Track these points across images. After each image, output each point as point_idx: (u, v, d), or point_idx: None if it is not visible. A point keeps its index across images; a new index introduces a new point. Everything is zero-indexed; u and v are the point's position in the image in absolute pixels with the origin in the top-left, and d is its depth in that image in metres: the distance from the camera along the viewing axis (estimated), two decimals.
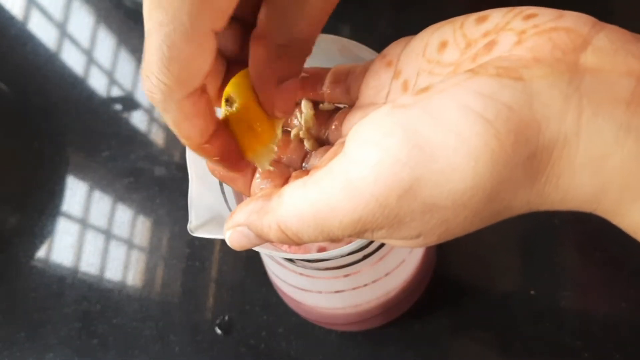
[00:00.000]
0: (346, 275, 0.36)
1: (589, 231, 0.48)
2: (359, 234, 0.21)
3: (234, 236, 0.24)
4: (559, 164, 0.19)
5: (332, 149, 0.25)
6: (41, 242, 0.52)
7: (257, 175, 0.26)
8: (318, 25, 0.25)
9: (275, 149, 0.26)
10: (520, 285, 0.47)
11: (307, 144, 0.27)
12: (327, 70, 0.27)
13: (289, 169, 0.27)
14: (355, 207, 0.20)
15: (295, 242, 0.22)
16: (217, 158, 0.25)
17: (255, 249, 0.27)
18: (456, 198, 0.19)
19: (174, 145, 0.54)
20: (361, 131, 0.20)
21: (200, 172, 0.29)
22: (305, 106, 0.27)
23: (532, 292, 0.47)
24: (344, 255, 0.30)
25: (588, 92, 0.19)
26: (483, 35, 0.21)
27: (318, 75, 0.27)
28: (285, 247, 0.40)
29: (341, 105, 0.28)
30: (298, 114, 0.28)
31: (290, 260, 0.33)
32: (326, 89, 0.27)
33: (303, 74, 0.27)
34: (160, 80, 0.21)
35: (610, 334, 0.45)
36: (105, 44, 0.58)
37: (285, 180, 0.26)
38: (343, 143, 0.23)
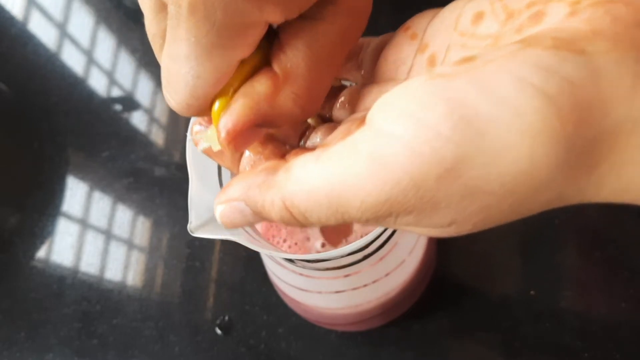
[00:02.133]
0: (346, 276, 0.36)
1: (589, 231, 0.48)
2: (380, 219, 0.18)
3: (226, 212, 0.22)
4: (625, 151, 0.17)
5: (344, 126, 0.22)
6: (41, 242, 0.52)
7: (246, 151, 0.24)
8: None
9: None
10: (520, 285, 0.47)
11: (310, 120, 0.25)
12: None
13: (285, 146, 0.25)
14: (382, 185, 0.17)
15: (300, 222, 0.20)
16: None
17: (255, 249, 0.27)
18: (505, 182, 0.17)
19: (174, 145, 0.54)
20: (391, 102, 0.18)
21: (200, 172, 0.29)
22: None
23: (532, 292, 0.47)
24: (344, 256, 0.30)
25: None
26: (527, 6, 0.19)
27: None
28: (285, 246, 0.40)
29: (347, 83, 0.26)
30: None
31: (290, 260, 0.33)
32: None
33: None
34: (184, 101, 0.22)
35: (610, 334, 0.45)
36: (105, 44, 0.58)
37: (281, 158, 0.23)
38: (357, 119, 0.21)
